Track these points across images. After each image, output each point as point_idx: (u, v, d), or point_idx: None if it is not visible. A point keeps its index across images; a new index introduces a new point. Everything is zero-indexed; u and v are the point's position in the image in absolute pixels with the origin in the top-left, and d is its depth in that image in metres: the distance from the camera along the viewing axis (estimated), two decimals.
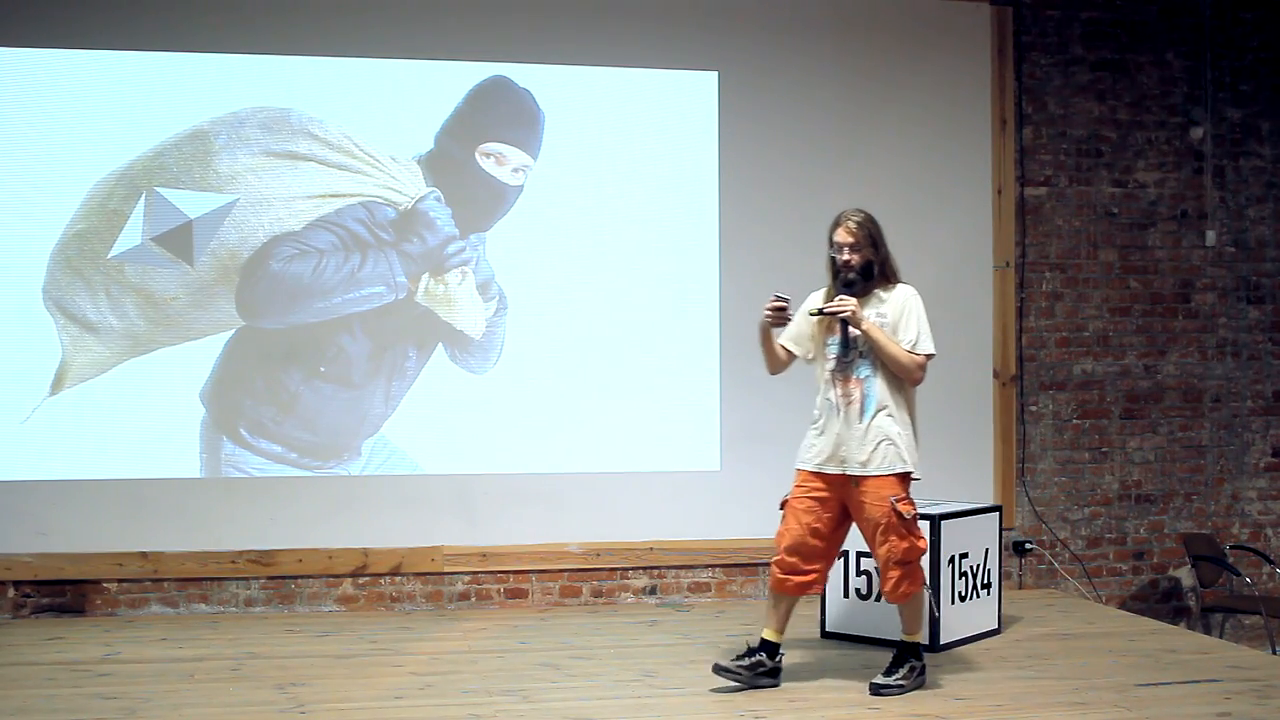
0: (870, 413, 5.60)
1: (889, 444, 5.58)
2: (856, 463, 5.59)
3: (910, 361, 5.60)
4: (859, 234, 5.70)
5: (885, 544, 5.57)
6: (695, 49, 7.87)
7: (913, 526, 5.60)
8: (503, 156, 7.72)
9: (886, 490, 5.56)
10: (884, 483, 5.57)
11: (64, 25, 7.32)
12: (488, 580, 7.66)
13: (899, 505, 5.54)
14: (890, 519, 5.54)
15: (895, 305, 5.67)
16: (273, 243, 7.46)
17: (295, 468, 7.50)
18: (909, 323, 5.65)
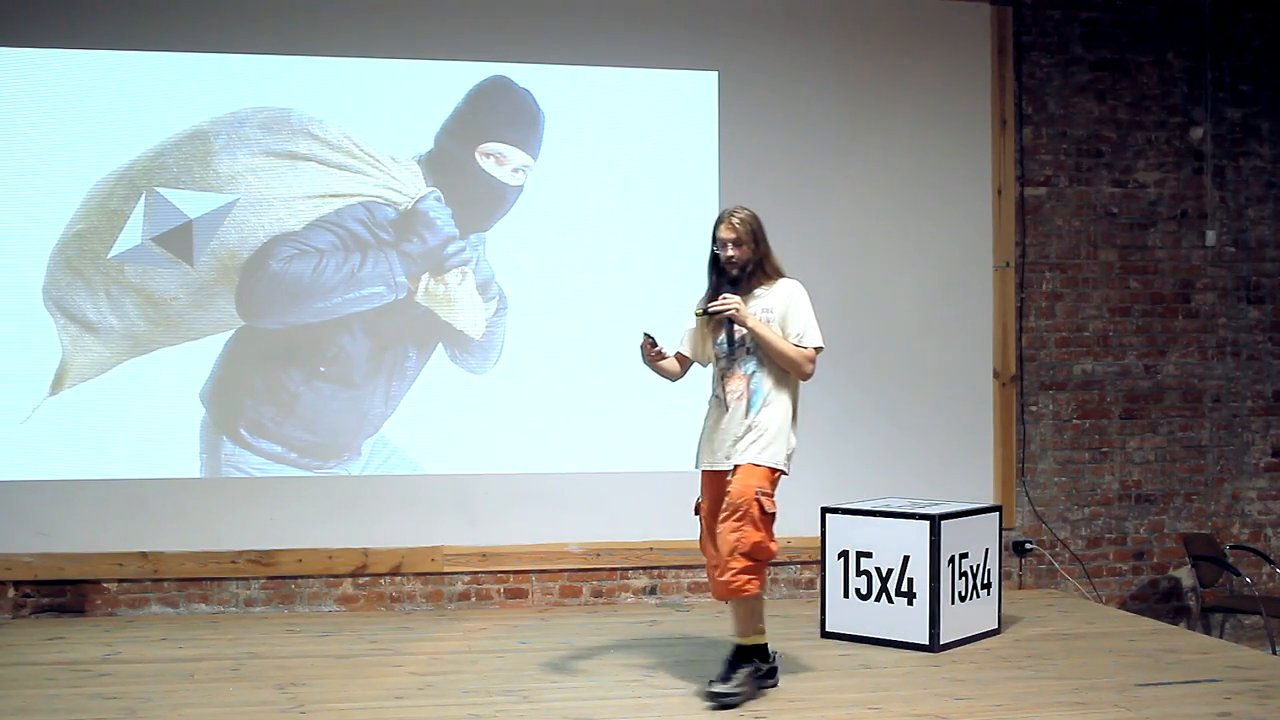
0: (756, 409, 5.51)
1: (767, 439, 5.47)
2: (736, 452, 5.50)
3: (799, 355, 5.51)
4: (741, 230, 5.59)
5: (737, 531, 5.37)
6: (695, 49, 7.88)
7: (769, 525, 5.42)
8: (503, 156, 7.72)
9: (754, 480, 5.41)
10: (754, 471, 5.43)
11: (65, 26, 7.32)
12: (488, 580, 7.66)
13: (762, 498, 5.38)
14: (750, 508, 5.36)
15: (781, 299, 5.58)
16: (273, 243, 7.46)
17: (295, 468, 7.50)
18: (796, 316, 5.56)
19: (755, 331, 5.49)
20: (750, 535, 5.37)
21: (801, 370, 5.55)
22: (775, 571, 7.87)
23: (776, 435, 5.49)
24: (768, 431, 5.48)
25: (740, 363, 5.58)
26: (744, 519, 5.38)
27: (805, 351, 5.53)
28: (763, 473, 5.45)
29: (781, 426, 5.52)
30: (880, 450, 7.97)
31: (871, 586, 6.64)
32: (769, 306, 5.57)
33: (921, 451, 8.01)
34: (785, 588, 7.92)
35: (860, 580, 6.69)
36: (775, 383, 5.55)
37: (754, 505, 5.37)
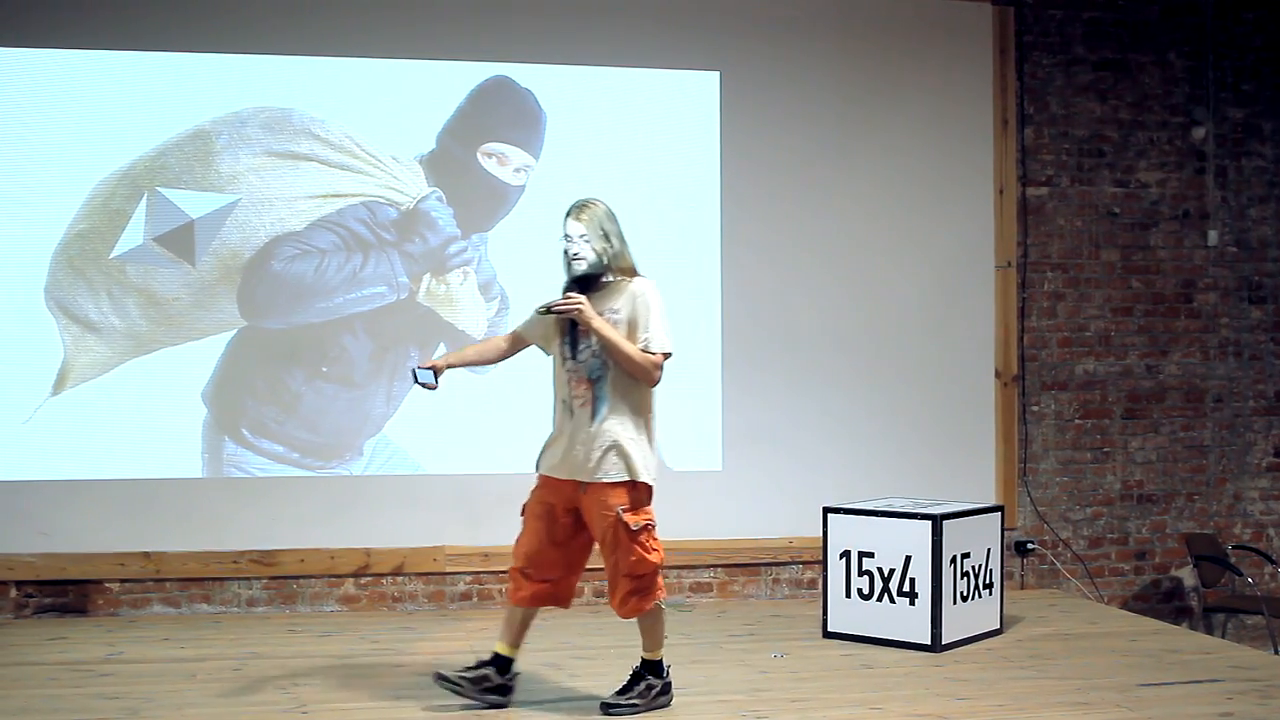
0: (601, 416, 5.18)
1: (617, 451, 5.16)
2: (585, 469, 5.20)
3: (645, 361, 5.14)
4: (589, 224, 5.25)
5: (613, 556, 5.20)
6: (697, 49, 7.88)
7: (644, 539, 5.19)
8: (504, 157, 7.72)
9: (613, 500, 5.16)
10: (610, 491, 5.17)
11: (66, 25, 7.32)
12: (490, 580, 7.66)
13: (625, 516, 5.15)
14: (616, 530, 5.16)
15: (629, 300, 5.22)
16: (274, 243, 7.47)
17: (297, 468, 7.50)
18: (645, 319, 5.19)
19: (600, 334, 5.12)
20: (625, 558, 5.18)
21: (649, 377, 5.18)
22: (777, 571, 7.88)
23: (627, 447, 5.17)
24: (617, 445, 5.16)
25: (586, 367, 5.23)
26: (615, 543, 5.18)
27: (652, 357, 5.16)
28: (618, 490, 5.18)
29: (632, 436, 5.19)
30: (882, 450, 7.97)
31: (873, 586, 6.64)
32: (617, 308, 5.22)
33: (923, 451, 8.01)
34: (787, 587, 7.92)
35: (862, 580, 6.69)
36: (623, 389, 5.20)
37: (618, 528, 5.16)
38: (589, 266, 5.25)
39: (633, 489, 5.21)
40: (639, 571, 5.21)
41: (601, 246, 5.26)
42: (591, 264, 5.25)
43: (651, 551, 5.23)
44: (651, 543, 5.24)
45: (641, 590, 5.25)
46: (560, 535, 5.35)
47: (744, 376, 7.85)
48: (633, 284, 5.27)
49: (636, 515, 5.20)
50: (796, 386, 7.94)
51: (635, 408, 5.23)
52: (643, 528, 5.20)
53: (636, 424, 5.23)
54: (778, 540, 7.85)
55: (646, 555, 5.21)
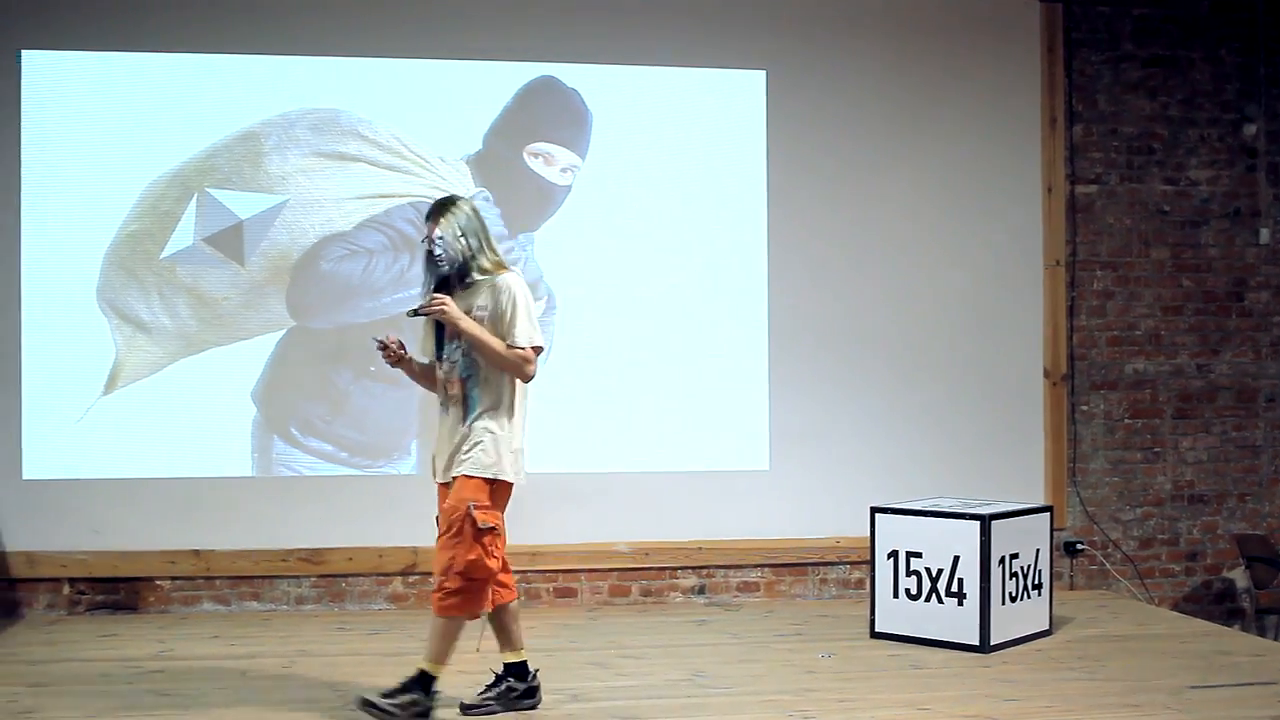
0: (473, 415, 5.14)
1: (482, 448, 5.10)
2: (455, 463, 5.16)
3: (513, 357, 5.09)
4: (448, 225, 5.15)
5: (450, 550, 5.04)
6: (743, 48, 7.87)
7: (487, 541, 5.06)
8: (551, 156, 7.73)
9: (467, 493, 5.07)
10: (467, 484, 5.08)
11: (117, 29, 7.39)
12: (537, 579, 7.68)
13: (475, 511, 5.04)
14: (463, 524, 5.04)
15: (494, 296, 5.14)
16: (323, 243, 7.51)
17: (345, 466, 7.54)
18: (509, 314, 5.11)
19: (466, 332, 5.08)
20: (463, 554, 5.03)
21: (520, 372, 5.13)
22: (824, 571, 7.86)
23: (493, 443, 5.10)
24: (484, 440, 5.10)
25: (457, 367, 5.18)
26: (457, 535, 5.05)
27: (520, 352, 5.10)
28: (476, 484, 5.08)
29: (498, 434, 5.12)
30: (930, 450, 7.94)
31: (921, 586, 6.61)
32: (482, 305, 5.15)
33: (971, 451, 7.97)
34: (834, 587, 7.90)
35: (910, 580, 6.66)
36: (492, 387, 5.15)
37: (466, 521, 5.03)
38: (450, 266, 5.17)
39: (491, 486, 5.12)
40: (473, 574, 5.06)
41: (462, 245, 5.16)
42: (453, 263, 5.17)
43: (491, 557, 5.09)
44: (494, 548, 5.11)
45: (465, 593, 5.08)
46: None
47: (791, 376, 7.84)
48: (497, 279, 5.17)
49: (487, 515, 5.08)
50: (844, 386, 7.92)
51: (506, 407, 5.17)
52: (490, 529, 5.08)
53: (506, 423, 5.16)
54: (825, 540, 7.83)
55: (486, 559, 5.07)
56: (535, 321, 5.19)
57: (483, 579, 5.12)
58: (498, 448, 5.12)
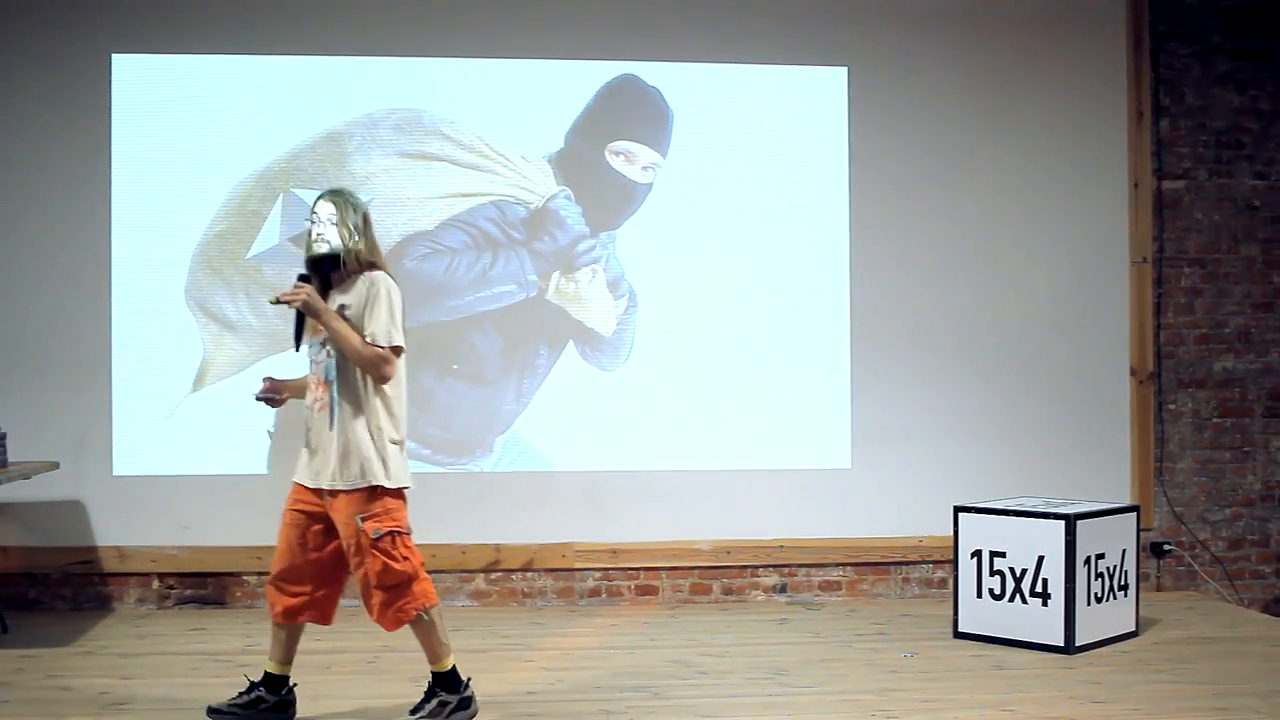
0: (338, 419, 4.99)
1: (356, 456, 4.96)
2: (326, 475, 5.00)
3: (372, 355, 4.93)
4: (339, 209, 5.04)
5: (360, 566, 4.98)
6: (824, 44, 7.84)
7: (387, 545, 4.97)
8: (632, 154, 7.75)
9: (353, 508, 4.96)
10: (351, 499, 4.96)
11: (204, 32, 7.49)
12: (618, 577, 7.70)
13: (365, 524, 4.93)
14: (359, 539, 4.95)
15: (360, 294, 5.00)
16: (406, 242, 7.57)
17: (429, 464, 7.59)
18: (373, 311, 4.96)
19: (326, 324, 4.95)
20: (372, 567, 4.96)
21: (376, 371, 4.97)
22: (907, 570, 7.82)
23: (366, 451, 4.97)
24: (357, 449, 4.96)
25: (323, 367, 5.06)
26: (360, 552, 4.97)
27: (379, 350, 4.94)
28: (356, 498, 4.96)
29: (371, 440, 4.99)
30: (1014, 448, 7.87)
31: (1005, 586, 6.56)
32: (348, 302, 5.00)
33: (1056, 450, 7.90)
34: (917, 587, 7.86)
35: (994, 580, 6.61)
36: (361, 390, 5.01)
37: (360, 537, 4.95)
38: (330, 249, 5.03)
39: (373, 495, 4.98)
40: (388, 581, 4.98)
41: (347, 233, 5.03)
42: (334, 247, 5.03)
43: (400, 560, 5.00)
44: (399, 550, 5.01)
45: (396, 601, 5.01)
46: (312, 545, 5.10)
47: (873, 374, 7.80)
48: (365, 276, 5.05)
49: (378, 522, 4.97)
50: (926, 383, 7.88)
51: (375, 409, 5.03)
52: (386, 535, 4.97)
53: (375, 425, 5.01)
54: (907, 539, 7.79)
55: (393, 563, 4.98)
56: (399, 322, 5.03)
57: (402, 582, 5.01)
58: (371, 456, 4.98)
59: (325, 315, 4.95)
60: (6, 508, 7.31)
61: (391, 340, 4.98)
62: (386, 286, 5.03)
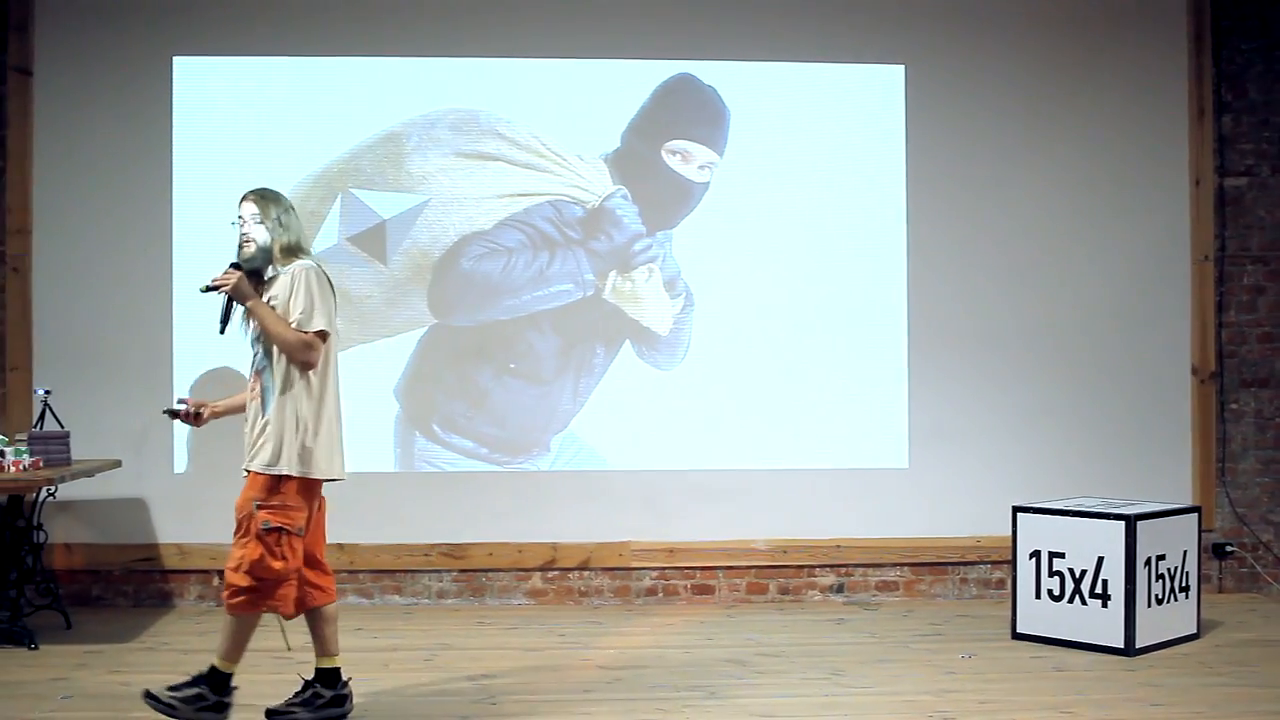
0: (270, 407, 5.05)
1: (273, 442, 5.01)
2: (248, 457, 5.10)
3: (295, 339, 4.98)
4: (262, 208, 5.16)
5: (241, 548, 4.99)
6: (881, 42, 7.81)
7: (274, 541, 4.98)
8: (689, 154, 7.74)
9: (254, 491, 5.01)
10: (255, 481, 5.02)
11: (263, 34, 7.56)
12: (675, 576, 7.70)
13: (259, 512, 4.97)
14: (251, 522, 4.98)
15: (286, 284, 5.07)
16: (463, 242, 7.60)
17: (486, 463, 7.62)
18: (297, 297, 5.02)
19: (254, 312, 5.04)
20: (250, 553, 4.97)
21: (298, 356, 5.00)
22: (965, 571, 7.78)
23: (284, 437, 5.01)
24: (275, 435, 5.02)
25: (257, 357, 5.15)
26: (244, 535, 5.00)
27: (303, 336, 4.99)
28: (261, 481, 5.01)
29: (290, 427, 5.03)
30: (1073, 448, 7.81)
31: (1064, 587, 6.52)
32: (276, 293, 5.09)
33: (1116, 449, 7.83)
34: (975, 587, 7.81)
35: (1052, 581, 6.57)
36: (286, 377, 5.06)
37: (252, 520, 4.99)
38: (257, 249, 5.14)
39: (279, 484, 5.03)
40: (257, 574, 4.98)
41: (269, 228, 5.14)
42: (260, 244, 5.13)
43: (279, 558, 5.00)
44: (282, 548, 5.02)
45: (258, 592, 5.01)
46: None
47: (931, 373, 7.77)
48: (291, 266, 5.12)
49: (272, 514, 5.00)
50: (985, 383, 7.83)
51: (300, 396, 5.07)
52: (274, 530, 4.99)
53: (302, 417, 5.06)
54: (965, 539, 7.75)
55: (271, 559, 4.98)
56: (322, 309, 5.06)
57: (270, 579, 5.01)
58: (287, 443, 5.02)
59: (252, 301, 5.05)
60: (70, 505, 7.41)
61: (315, 325, 5.03)
62: (309, 273, 5.09)
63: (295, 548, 5.06)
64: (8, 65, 7.47)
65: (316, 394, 5.12)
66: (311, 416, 5.08)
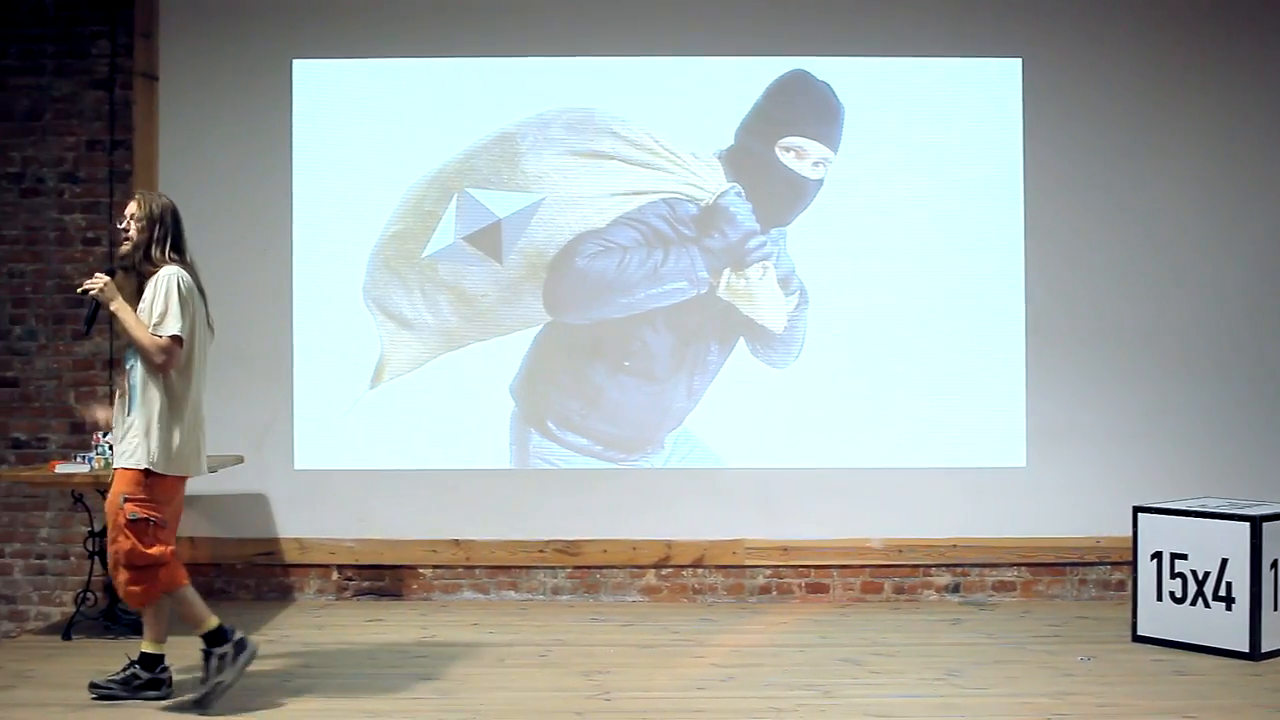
0: (134, 405, 5.29)
1: (135, 438, 5.26)
2: (117, 454, 5.35)
3: (150, 343, 5.22)
4: (143, 209, 5.37)
5: (114, 542, 5.27)
6: (997, 35, 7.71)
7: (140, 531, 5.25)
8: (803, 150, 7.71)
9: (120, 486, 5.26)
10: (121, 477, 5.28)
11: (379, 37, 7.66)
12: (789, 574, 7.68)
13: (126, 505, 5.23)
14: (117, 517, 5.25)
15: (151, 288, 5.30)
16: (578, 240, 7.64)
17: (600, 460, 7.66)
18: (155, 302, 5.26)
19: (116, 315, 5.29)
20: (122, 545, 5.25)
21: (153, 359, 5.24)
22: (1084, 571, 7.66)
23: (145, 434, 5.26)
24: (139, 433, 5.27)
25: (126, 356, 5.39)
26: (115, 529, 5.27)
27: (158, 340, 5.23)
28: (129, 477, 5.27)
29: (153, 426, 5.27)
30: (1196, 447, 7.66)
31: (1187, 590, 6.40)
32: (145, 296, 5.31)
33: (1241, 448, 7.66)
34: (1094, 588, 7.69)
35: (1174, 583, 6.45)
36: (149, 379, 5.29)
37: (119, 514, 5.25)
38: (131, 248, 5.37)
39: (145, 478, 5.27)
40: (134, 563, 5.26)
41: (147, 231, 5.36)
42: (136, 244, 5.36)
43: (151, 547, 5.27)
44: (151, 536, 5.27)
45: (140, 581, 5.29)
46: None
47: (1049, 370, 7.66)
48: (159, 272, 5.33)
49: (138, 506, 5.24)
50: (1104, 380, 7.71)
51: (164, 397, 5.30)
52: (140, 520, 5.24)
53: (165, 414, 5.29)
54: (1084, 539, 7.63)
55: (141, 547, 5.24)
56: (178, 313, 5.26)
57: (148, 565, 5.27)
58: (152, 439, 5.26)
59: (115, 305, 5.29)
60: (194, 500, 7.55)
61: (170, 329, 5.25)
62: (170, 279, 5.30)
63: (163, 535, 5.34)
64: (134, 71, 7.66)
65: (177, 395, 5.36)
66: (173, 416, 5.33)
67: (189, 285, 5.36)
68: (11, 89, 7.70)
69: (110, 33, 7.70)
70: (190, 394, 5.40)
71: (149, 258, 5.36)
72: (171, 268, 5.35)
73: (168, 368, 5.29)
